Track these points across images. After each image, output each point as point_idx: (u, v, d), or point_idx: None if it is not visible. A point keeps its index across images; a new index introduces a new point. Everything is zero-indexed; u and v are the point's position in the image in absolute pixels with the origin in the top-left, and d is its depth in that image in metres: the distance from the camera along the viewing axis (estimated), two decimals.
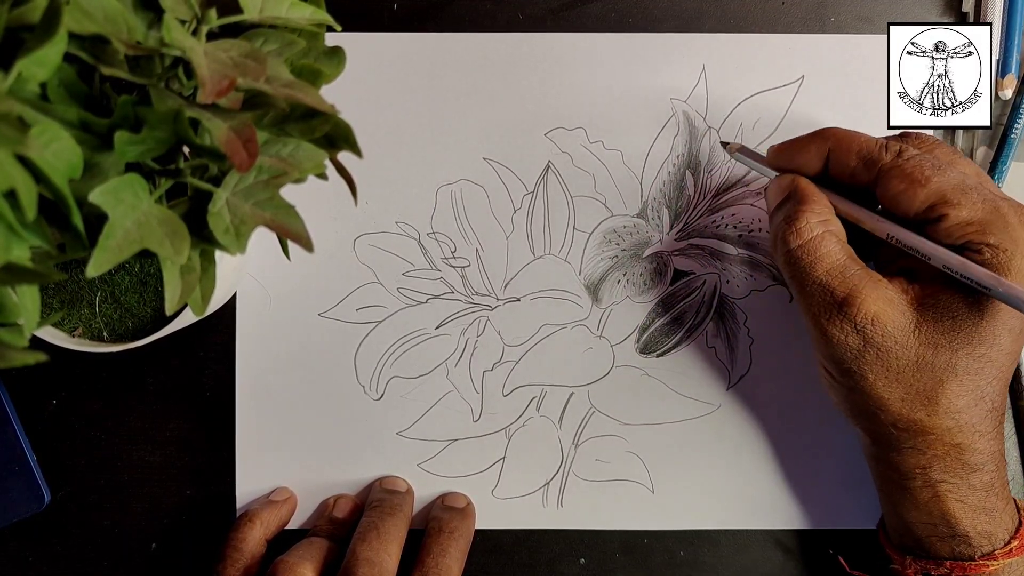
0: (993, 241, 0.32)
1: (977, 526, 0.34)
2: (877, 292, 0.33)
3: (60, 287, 0.36)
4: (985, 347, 0.33)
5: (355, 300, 0.42)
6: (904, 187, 0.33)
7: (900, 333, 0.33)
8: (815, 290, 0.34)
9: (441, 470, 0.42)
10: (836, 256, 0.34)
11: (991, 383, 0.34)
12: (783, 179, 0.37)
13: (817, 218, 0.35)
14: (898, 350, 0.33)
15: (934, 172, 0.33)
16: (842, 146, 0.35)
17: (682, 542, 0.42)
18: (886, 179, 0.34)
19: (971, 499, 0.34)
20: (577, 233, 0.43)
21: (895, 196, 0.34)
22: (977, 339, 0.33)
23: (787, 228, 0.35)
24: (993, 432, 0.34)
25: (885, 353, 0.33)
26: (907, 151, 0.34)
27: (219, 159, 0.26)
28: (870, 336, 0.33)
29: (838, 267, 0.34)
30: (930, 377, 0.33)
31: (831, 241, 0.34)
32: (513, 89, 0.43)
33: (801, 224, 0.35)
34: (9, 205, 0.22)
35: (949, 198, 0.33)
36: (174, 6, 0.27)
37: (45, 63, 0.23)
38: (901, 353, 0.33)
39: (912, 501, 0.35)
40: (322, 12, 0.30)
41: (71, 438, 0.42)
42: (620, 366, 0.43)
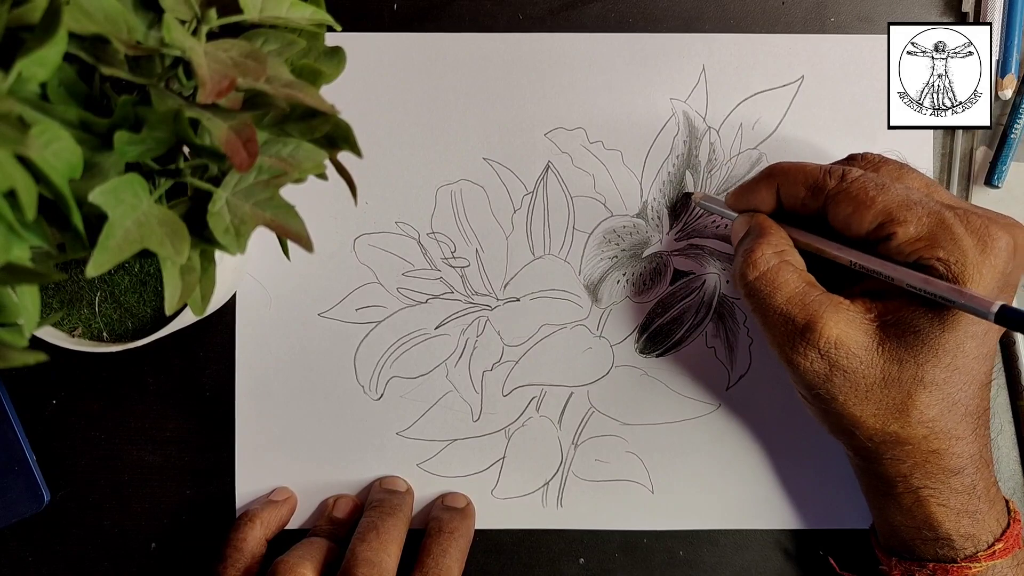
0: (943, 254, 0.32)
1: (960, 529, 0.34)
2: (838, 315, 0.34)
3: (60, 287, 0.36)
4: (950, 357, 0.33)
5: (355, 300, 0.42)
6: (851, 210, 0.33)
7: (864, 352, 0.33)
8: (776, 319, 0.34)
9: (441, 470, 0.42)
10: (794, 284, 0.34)
11: (962, 389, 0.34)
12: (741, 219, 0.38)
13: (772, 249, 0.35)
14: (864, 369, 0.33)
15: (878, 192, 0.33)
16: (789, 179, 0.36)
17: (682, 542, 0.42)
18: (833, 204, 0.34)
19: (953, 502, 0.34)
20: (577, 233, 0.43)
21: (844, 219, 0.34)
22: (941, 350, 0.33)
23: (744, 261, 0.35)
24: (971, 436, 0.34)
25: (852, 373, 0.34)
26: (850, 174, 0.34)
27: (219, 159, 0.26)
28: (835, 359, 0.33)
29: (797, 295, 0.34)
30: (899, 391, 0.33)
31: (787, 270, 0.35)
32: (513, 89, 0.43)
33: (757, 256, 0.35)
34: (9, 205, 0.22)
35: (895, 216, 0.33)
36: (174, 6, 0.27)
37: (45, 63, 0.23)
38: (867, 372, 0.33)
39: (896, 506, 0.35)
40: (322, 12, 0.30)
41: (71, 438, 0.42)
42: (620, 366, 0.43)
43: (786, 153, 0.42)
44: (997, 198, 0.42)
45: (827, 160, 0.42)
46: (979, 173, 0.42)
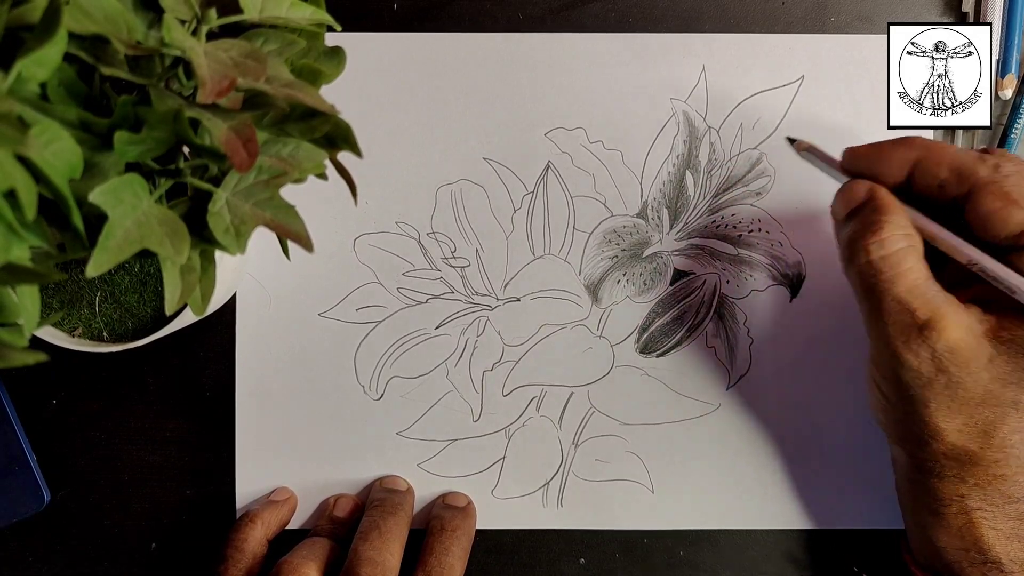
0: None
1: (1010, 553, 0.33)
2: (959, 318, 0.31)
3: (60, 287, 0.36)
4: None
5: (355, 300, 0.42)
6: (1000, 206, 0.31)
7: (975, 365, 0.31)
8: (894, 307, 0.32)
9: (441, 470, 0.42)
10: (919, 274, 0.32)
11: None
12: (858, 185, 0.34)
13: (901, 231, 0.32)
14: (968, 382, 0.32)
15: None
16: (932, 156, 0.33)
17: (682, 542, 0.42)
18: (981, 194, 0.31)
19: (1006, 527, 0.33)
20: (577, 233, 0.43)
21: (987, 214, 0.31)
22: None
23: (868, 237, 0.32)
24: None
25: (956, 384, 0.32)
26: (1005, 166, 0.32)
27: (219, 159, 0.26)
28: (945, 365, 0.31)
29: (921, 286, 0.32)
30: (992, 411, 0.32)
31: (914, 256, 0.32)
32: (513, 89, 0.43)
33: (885, 234, 0.32)
34: (9, 205, 0.22)
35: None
36: (174, 6, 0.27)
37: (45, 63, 0.23)
38: (970, 385, 0.32)
39: (945, 526, 0.34)
40: (322, 12, 0.30)
41: (71, 438, 0.42)
42: (620, 366, 0.43)
43: (786, 153, 0.42)
44: None
45: None
46: None
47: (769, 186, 0.43)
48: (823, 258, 0.42)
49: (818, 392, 0.42)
